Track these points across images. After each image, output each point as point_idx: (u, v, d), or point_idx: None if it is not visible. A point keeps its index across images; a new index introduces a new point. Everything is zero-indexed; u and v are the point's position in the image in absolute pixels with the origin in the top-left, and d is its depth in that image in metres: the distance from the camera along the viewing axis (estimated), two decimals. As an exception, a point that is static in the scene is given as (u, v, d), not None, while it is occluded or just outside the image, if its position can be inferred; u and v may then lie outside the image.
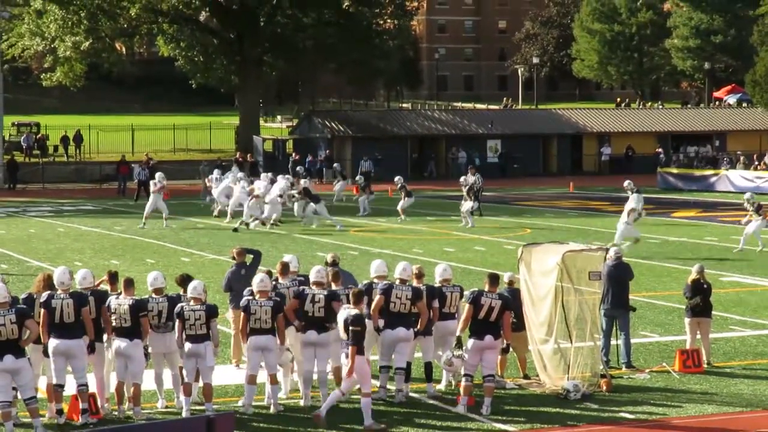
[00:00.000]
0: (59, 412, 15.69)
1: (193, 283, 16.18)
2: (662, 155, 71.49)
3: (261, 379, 16.32)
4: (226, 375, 17.82)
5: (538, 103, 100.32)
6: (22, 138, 73.71)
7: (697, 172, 61.24)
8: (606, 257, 18.25)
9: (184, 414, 15.62)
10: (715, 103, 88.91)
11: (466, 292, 16.89)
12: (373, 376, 16.12)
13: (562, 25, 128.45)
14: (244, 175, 45.51)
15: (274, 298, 16.27)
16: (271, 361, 16.21)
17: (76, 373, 15.51)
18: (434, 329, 17.00)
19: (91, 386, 15.77)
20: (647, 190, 42.71)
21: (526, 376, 17.90)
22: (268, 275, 17.14)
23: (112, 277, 16.83)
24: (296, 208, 42.78)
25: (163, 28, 74.10)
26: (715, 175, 59.10)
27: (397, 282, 16.73)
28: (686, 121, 79.47)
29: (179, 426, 12.96)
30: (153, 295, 16.20)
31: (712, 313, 19.50)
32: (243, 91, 76.47)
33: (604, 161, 74.66)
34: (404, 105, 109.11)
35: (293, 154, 68.79)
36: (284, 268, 17.49)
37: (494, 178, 61.48)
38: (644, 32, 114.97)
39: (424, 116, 78.61)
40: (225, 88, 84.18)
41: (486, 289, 16.43)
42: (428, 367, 17.11)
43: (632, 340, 19.03)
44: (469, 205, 40.81)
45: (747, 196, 34.53)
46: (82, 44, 68.58)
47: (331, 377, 16.89)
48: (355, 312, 15.66)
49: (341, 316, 15.75)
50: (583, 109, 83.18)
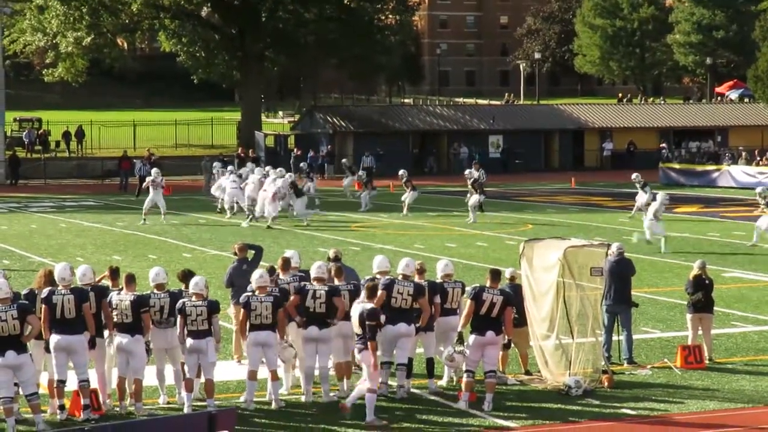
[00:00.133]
0: (61, 407, 15.70)
1: (194, 279, 16.18)
2: (666, 150, 71.42)
3: (263, 374, 16.31)
4: (227, 371, 17.81)
5: (540, 99, 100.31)
6: (24, 133, 73.71)
7: (699, 168, 61.19)
8: (608, 253, 18.25)
9: (186, 410, 15.63)
10: (717, 98, 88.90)
11: (467, 288, 16.88)
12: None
13: (563, 21, 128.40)
14: (234, 170, 45.13)
15: (274, 293, 16.28)
16: (272, 357, 16.21)
17: (77, 369, 15.52)
18: (436, 325, 16.99)
19: (92, 382, 15.78)
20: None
21: (527, 372, 17.90)
22: (271, 271, 17.16)
23: (114, 273, 16.81)
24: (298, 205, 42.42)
25: (165, 24, 74.07)
26: (717, 170, 59.03)
27: (400, 278, 16.73)
28: (688, 117, 79.36)
29: (181, 422, 12.99)
30: (155, 291, 16.21)
31: (714, 308, 19.51)
32: (244, 87, 76.43)
33: (606, 157, 74.58)
34: (406, 100, 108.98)
35: (295, 150, 68.74)
36: (285, 264, 17.50)
37: (496, 173, 61.37)
38: (646, 27, 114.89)
39: (425, 112, 78.57)
40: (226, 84, 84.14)
41: (487, 284, 16.43)
42: (430, 363, 17.10)
43: (634, 336, 19.02)
44: (476, 198, 40.83)
45: (759, 190, 34.51)
46: (84, 40, 68.49)
47: (333, 373, 16.90)
48: (371, 306, 15.64)
49: (356, 311, 15.72)
50: (584, 105, 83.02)
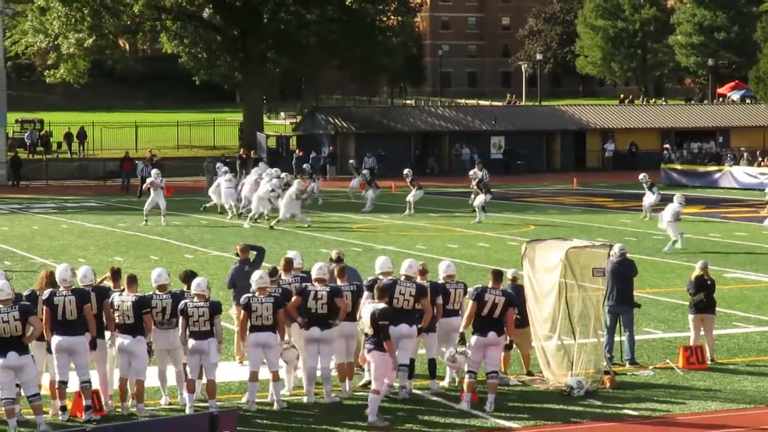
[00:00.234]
0: (62, 409, 15.70)
1: (196, 280, 16.18)
2: (669, 151, 71.33)
3: (265, 375, 16.31)
4: (229, 372, 17.81)
5: (542, 100, 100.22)
6: (26, 135, 73.66)
7: (701, 169, 61.16)
8: (610, 254, 18.24)
9: (188, 411, 15.62)
10: (719, 99, 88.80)
11: (469, 289, 16.87)
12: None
13: (565, 22, 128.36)
14: (227, 170, 45.00)
15: (274, 294, 16.27)
16: (273, 358, 16.20)
17: (78, 370, 15.52)
18: (438, 326, 16.98)
19: (94, 383, 15.78)
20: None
21: (529, 373, 17.89)
22: (273, 272, 17.15)
23: (115, 274, 16.81)
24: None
25: (167, 25, 74.08)
26: (719, 171, 59.02)
27: (402, 278, 16.72)
28: (690, 118, 79.34)
29: (183, 423, 13.01)
30: (157, 292, 16.20)
31: (716, 309, 19.51)
32: (246, 88, 76.44)
33: (608, 157, 74.55)
34: (407, 101, 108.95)
35: (297, 151, 68.76)
36: (288, 265, 17.52)
37: (498, 174, 61.36)
38: (648, 29, 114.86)
39: (427, 113, 78.53)
40: (228, 85, 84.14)
41: (489, 285, 16.42)
42: (432, 364, 17.10)
43: (636, 337, 19.01)
44: (482, 199, 40.84)
45: None
46: (86, 41, 68.52)
47: (335, 374, 16.89)
48: (383, 306, 15.62)
49: (367, 311, 15.68)
50: (586, 106, 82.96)
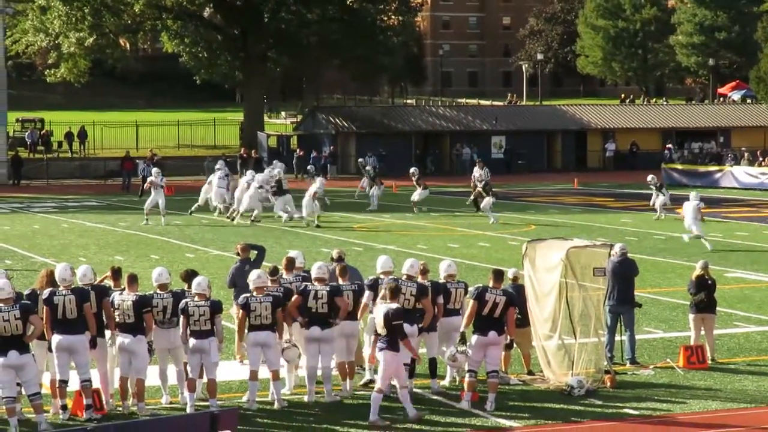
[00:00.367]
0: (63, 407, 15.70)
1: (197, 279, 16.18)
2: (671, 151, 71.31)
3: (265, 374, 16.31)
4: (230, 371, 17.80)
5: (543, 100, 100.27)
6: (27, 134, 73.66)
7: (702, 169, 61.19)
8: (611, 253, 18.25)
9: (189, 410, 15.63)
10: (720, 99, 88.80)
11: (470, 288, 16.87)
12: (376, 370, 16.11)
13: (566, 22, 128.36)
14: (220, 167, 44.93)
15: (273, 293, 16.27)
16: (272, 358, 16.20)
17: (79, 369, 15.53)
18: (438, 325, 16.98)
19: (94, 382, 15.78)
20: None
21: (530, 372, 17.89)
22: (274, 271, 17.14)
23: (116, 273, 16.81)
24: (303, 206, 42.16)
25: (167, 24, 74.14)
26: (720, 171, 59.04)
27: (404, 278, 16.72)
28: (690, 118, 79.34)
29: (183, 422, 12.99)
30: (158, 291, 16.20)
31: (717, 309, 19.51)
32: (247, 87, 76.49)
33: (609, 157, 74.57)
34: (408, 101, 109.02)
35: (297, 150, 68.80)
36: (290, 264, 17.52)
37: (499, 174, 61.37)
38: (648, 28, 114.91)
39: (428, 112, 78.57)
40: (229, 84, 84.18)
41: (490, 285, 16.42)
42: (432, 363, 17.11)
43: (636, 336, 19.02)
44: (489, 201, 40.83)
45: None
46: (86, 40, 68.57)
47: (336, 373, 16.90)
48: (395, 305, 15.59)
49: (380, 312, 15.60)
50: (587, 106, 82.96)
